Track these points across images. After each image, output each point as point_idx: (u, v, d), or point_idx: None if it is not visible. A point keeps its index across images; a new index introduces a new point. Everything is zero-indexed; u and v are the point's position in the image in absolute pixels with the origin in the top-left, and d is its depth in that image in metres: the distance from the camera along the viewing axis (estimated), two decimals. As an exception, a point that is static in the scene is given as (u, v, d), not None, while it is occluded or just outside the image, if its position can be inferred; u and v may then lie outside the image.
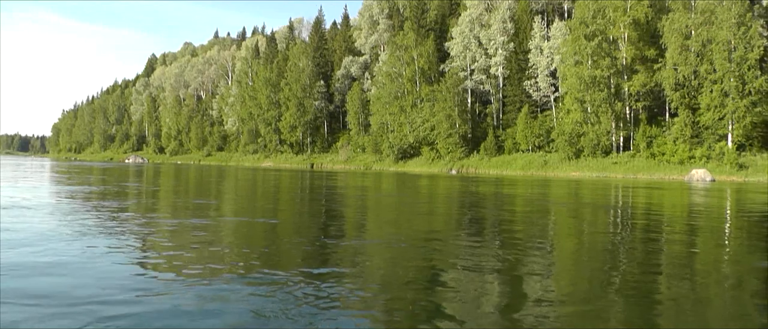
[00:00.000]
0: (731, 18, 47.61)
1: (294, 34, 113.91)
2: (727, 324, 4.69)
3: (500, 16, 68.31)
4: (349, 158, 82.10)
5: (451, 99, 66.34)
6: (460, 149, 66.37)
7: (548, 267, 6.79)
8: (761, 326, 4.56)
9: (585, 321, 4.56)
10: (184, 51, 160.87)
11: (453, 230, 10.40)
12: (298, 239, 8.59)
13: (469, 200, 18.10)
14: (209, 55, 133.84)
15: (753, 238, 10.49)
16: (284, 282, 5.45)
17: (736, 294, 5.70)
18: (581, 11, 56.24)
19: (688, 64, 50.64)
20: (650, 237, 10.00)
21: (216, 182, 29.65)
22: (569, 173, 53.75)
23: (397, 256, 7.46)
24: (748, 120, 47.18)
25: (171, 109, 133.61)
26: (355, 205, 16.30)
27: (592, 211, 15.26)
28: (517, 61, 66.08)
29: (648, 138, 53.23)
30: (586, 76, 54.38)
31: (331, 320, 4.40)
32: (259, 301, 4.80)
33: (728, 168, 46.19)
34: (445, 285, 5.68)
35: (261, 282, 5.45)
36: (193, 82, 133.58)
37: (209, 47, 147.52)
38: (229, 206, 14.88)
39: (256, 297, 4.92)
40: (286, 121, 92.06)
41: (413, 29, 74.59)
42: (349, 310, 4.71)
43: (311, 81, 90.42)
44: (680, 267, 6.94)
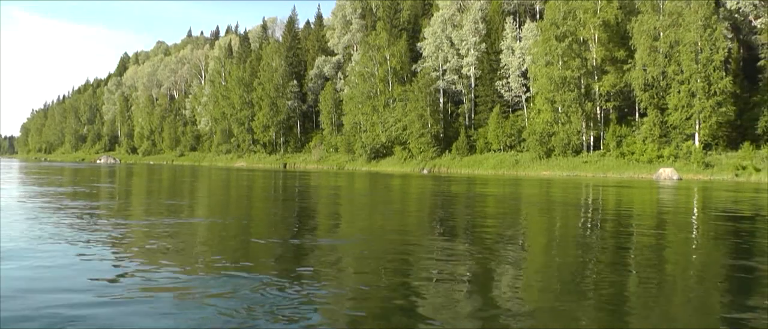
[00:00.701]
0: (697, 20, 48.38)
1: (267, 33, 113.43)
2: (694, 321, 4.77)
3: (472, 16, 68.63)
4: (321, 158, 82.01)
5: (423, 99, 66.59)
6: (432, 148, 66.64)
7: (520, 265, 6.82)
8: (727, 322, 4.65)
9: (557, 319, 4.60)
10: (157, 50, 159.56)
11: (426, 230, 10.41)
12: (272, 240, 8.57)
13: (442, 200, 18.19)
14: (182, 55, 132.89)
15: (719, 235, 10.74)
16: (257, 282, 5.46)
17: (703, 291, 5.79)
18: (552, 12, 56.76)
19: (657, 65, 51.38)
20: (620, 235, 10.14)
21: (189, 182, 29.49)
22: (540, 172, 54.23)
23: (370, 255, 7.48)
24: (714, 120, 48.03)
25: (144, 109, 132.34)
26: (328, 205, 16.34)
27: (563, 209, 15.43)
28: (489, 62, 66.44)
29: (618, 137, 53.89)
30: (556, 77, 54.93)
31: (305, 319, 4.42)
32: (232, 301, 4.81)
33: (695, 167, 46.96)
34: (418, 284, 5.71)
35: (234, 282, 5.45)
36: (166, 81, 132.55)
37: (182, 46, 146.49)
38: (202, 207, 14.82)
39: (230, 297, 4.93)
40: (259, 121, 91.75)
41: (386, 29, 74.72)
42: (322, 310, 4.72)
43: (284, 81, 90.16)
44: (650, 266, 6.98)
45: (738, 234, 10.72)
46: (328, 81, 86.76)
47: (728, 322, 4.64)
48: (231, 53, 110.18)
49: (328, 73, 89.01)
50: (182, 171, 50.42)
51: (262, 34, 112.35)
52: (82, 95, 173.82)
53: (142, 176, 38.27)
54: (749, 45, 54.65)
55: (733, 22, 53.75)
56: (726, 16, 52.71)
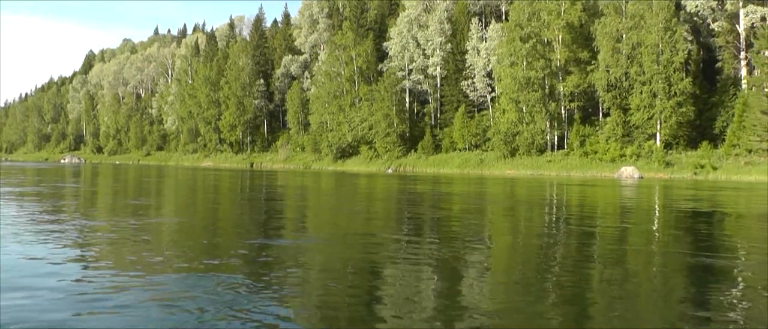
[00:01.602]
0: (658, 23, 49.28)
1: (234, 32, 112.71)
2: (657, 316, 4.83)
3: (438, 17, 68.89)
4: (288, 158, 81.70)
5: (389, 99, 66.71)
6: (397, 148, 66.81)
7: (485, 263, 6.92)
8: (688, 318, 4.74)
9: (522, 317, 4.65)
10: (124, 48, 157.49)
11: (392, 229, 10.48)
12: (238, 240, 8.58)
13: (407, 199, 18.33)
14: (149, 53, 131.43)
15: (680, 231, 10.98)
16: (223, 283, 5.45)
17: (665, 286, 5.92)
18: (516, 14, 57.28)
19: (619, 66, 52.20)
20: (584, 233, 10.31)
21: (155, 182, 29.31)
22: (505, 171, 54.69)
23: (336, 255, 7.55)
24: (674, 120, 48.99)
25: (109, 107, 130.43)
26: (294, 205, 16.36)
27: (528, 208, 15.63)
28: (455, 62, 66.78)
29: (581, 137, 54.56)
30: (520, 77, 55.42)
31: (271, 319, 4.43)
32: (197, 302, 4.79)
33: (656, 166, 47.85)
34: (383, 282, 5.79)
35: (200, 283, 5.44)
36: (133, 79, 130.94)
37: (149, 44, 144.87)
38: (168, 207, 14.75)
39: (195, 298, 4.91)
40: (226, 120, 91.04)
41: (352, 29, 74.63)
42: (289, 309, 4.74)
43: (251, 80, 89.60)
44: (613, 263, 7.14)
45: (697, 231, 11.03)
46: (295, 80, 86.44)
47: (690, 318, 4.74)
48: (198, 52, 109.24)
49: (294, 72, 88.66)
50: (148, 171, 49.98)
51: (229, 33, 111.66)
52: (45, 93, 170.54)
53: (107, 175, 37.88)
54: (708, 47, 55.74)
55: (693, 25, 54.74)
56: (686, 19, 53.65)
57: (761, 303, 5.31)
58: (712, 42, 54.83)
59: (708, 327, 4.50)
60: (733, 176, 43.29)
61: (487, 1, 71.50)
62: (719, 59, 53.53)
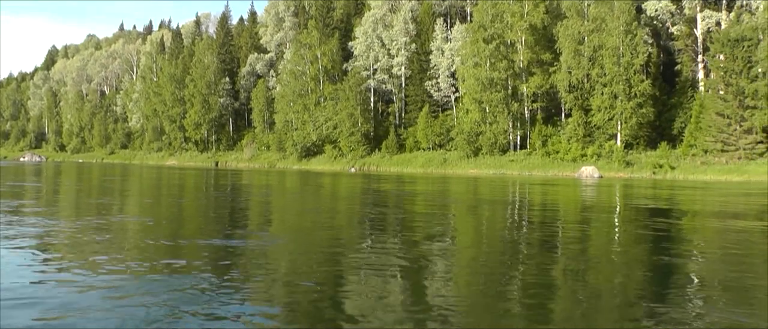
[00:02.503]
0: (619, 26, 50.08)
1: (201, 29, 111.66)
2: (616, 312, 4.99)
3: (403, 17, 69.08)
4: (253, 156, 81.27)
5: (353, 98, 66.71)
6: (362, 147, 66.87)
7: (449, 262, 6.98)
8: (648, 314, 4.86)
9: (485, 315, 4.73)
10: (88, 44, 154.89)
11: (356, 229, 10.55)
12: (203, 240, 8.56)
13: (372, 198, 18.39)
14: (113, 49, 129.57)
15: (638, 229, 11.24)
16: (188, 282, 5.45)
17: (625, 284, 6.07)
18: (480, 15, 57.72)
19: (581, 67, 52.92)
20: (546, 231, 10.48)
21: (120, 181, 29.01)
22: (468, 170, 55.10)
23: (301, 254, 7.61)
24: (634, 121, 49.89)
25: (73, 104, 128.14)
26: (259, 204, 16.33)
27: (491, 207, 15.80)
28: (419, 62, 67.05)
29: (543, 137, 55.19)
30: (484, 78, 55.85)
31: (236, 318, 4.45)
32: (162, 301, 4.78)
33: (616, 165, 48.66)
34: (348, 282, 5.83)
35: (164, 283, 5.43)
36: (97, 76, 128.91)
37: (114, 40, 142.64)
38: (132, 206, 14.63)
39: (159, 297, 4.90)
40: (191, 118, 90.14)
41: (317, 28, 74.38)
42: (254, 307, 4.77)
43: (216, 78, 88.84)
44: (575, 260, 7.29)
45: (656, 229, 11.24)
46: (261, 79, 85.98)
47: (650, 315, 4.86)
48: (163, 49, 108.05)
49: (260, 70, 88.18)
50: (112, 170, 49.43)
51: (195, 30, 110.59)
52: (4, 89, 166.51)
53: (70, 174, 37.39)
54: (668, 50, 56.74)
55: (653, 29, 55.70)
56: (646, 22, 54.57)
57: (717, 298, 5.52)
58: (671, 45, 55.89)
59: (668, 323, 4.62)
60: (690, 176, 44.23)
61: (452, 1, 71.86)
62: (678, 62, 54.63)
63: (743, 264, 7.65)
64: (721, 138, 46.20)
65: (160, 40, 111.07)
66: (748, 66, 45.48)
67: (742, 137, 45.64)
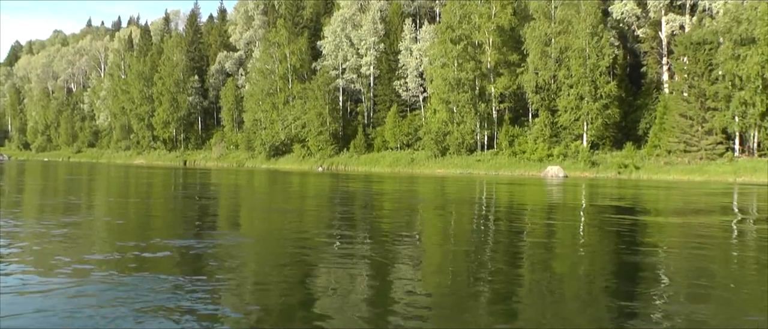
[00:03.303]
0: (586, 28, 50.60)
1: (170, 26, 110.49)
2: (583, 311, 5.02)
3: (371, 16, 69.12)
4: (222, 155, 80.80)
5: (322, 97, 66.62)
6: (330, 146, 66.85)
7: (417, 263, 6.95)
8: (613, 310, 4.91)
9: (452, 316, 4.69)
10: (54, 39, 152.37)
11: (324, 228, 10.50)
12: (170, 240, 8.44)
13: (340, 198, 18.36)
14: (81, 45, 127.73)
15: (604, 229, 11.35)
16: (156, 282, 5.40)
17: (592, 283, 6.10)
18: (448, 16, 58.00)
19: (548, 69, 53.47)
20: (512, 230, 10.55)
21: (87, 180, 28.64)
22: (435, 170, 55.36)
23: (269, 254, 7.56)
24: (600, 121, 50.52)
25: (38, 102, 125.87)
26: (227, 203, 16.22)
27: (458, 207, 15.84)
28: (388, 62, 67.22)
29: (510, 137, 55.63)
30: (451, 78, 56.14)
31: (204, 318, 4.41)
32: (129, 302, 4.72)
33: (582, 165, 49.25)
34: (316, 281, 5.81)
35: (131, 283, 5.37)
36: (63, 73, 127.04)
37: (81, 37, 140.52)
38: (100, 206, 14.42)
39: (126, 298, 4.84)
40: (160, 117, 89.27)
41: (286, 27, 74.05)
42: (221, 308, 4.72)
43: (185, 76, 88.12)
44: (541, 259, 7.33)
45: (620, 228, 11.39)
46: (230, 77, 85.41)
47: (616, 314, 4.88)
48: (132, 46, 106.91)
49: (229, 69, 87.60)
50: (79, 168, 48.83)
51: (164, 27, 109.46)
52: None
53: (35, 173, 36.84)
54: (634, 52, 57.46)
55: (620, 31, 56.38)
56: (613, 25, 55.25)
57: (682, 295, 5.60)
58: (637, 48, 56.60)
59: (634, 322, 4.66)
60: (654, 176, 44.96)
61: (421, 2, 72.07)
62: (644, 64, 55.38)
63: (705, 259, 7.90)
64: (683, 139, 46.97)
65: (129, 37, 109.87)
66: (709, 69, 46.31)
67: (704, 138, 46.46)
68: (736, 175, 42.73)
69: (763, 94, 43.38)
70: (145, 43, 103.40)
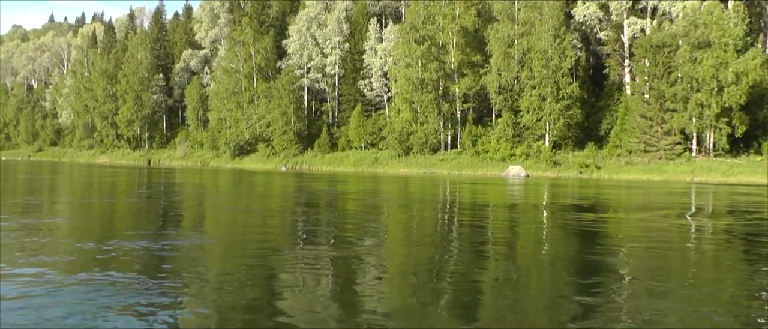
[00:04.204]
0: (548, 30, 51.10)
1: (135, 23, 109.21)
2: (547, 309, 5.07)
3: (337, 16, 69.08)
4: (186, 155, 79.94)
5: (286, 96, 66.43)
6: (295, 146, 66.64)
7: (381, 262, 7.00)
8: (574, 305, 4.97)
9: (415, 317, 4.72)
10: (13, 35, 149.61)
11: (288, 228, 10.52)
12: (134, 240, 8.34)
13: (305, 198, 18.30)
14: (42, 41, 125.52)
15: (564, 227, 11.50)
16: (119, 283, 5.34)
17: (554, 282, 6.20)
18: (412, 16, 58.25)
19: (511, 70, 53.95)
20: (475, 230, 10.65)
21: (48, 180, 28.19)
22: (399, 169, 55.55)
23: (233, 254, 7.52)
24: (562, 122, 51.12)
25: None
26: (192, 204, 16.05)
27: (421, 206, 15.94)
28: (353, 62, 67.24)
29: (473, 137, 55.99)
30: (415, 79, 56.34)
31: (167, 319, 4.38)
32: (91, 303, 4.66)
33: (544, 165, 49.83)
34: (280, 282, 5.79)
35: (93, 284, 5.30)
36: (23, 69, 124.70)
37: (43, 32, 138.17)
38: (62, 206, 14.17)
39: (88, 299, 4.77)
40: (124, 115, 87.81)
41: (251, 25, 73.59)
42: (183, 309, 4.69)
43: (150, 74, 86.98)
44: (503, 259, 7.38)
45: (581, 226, 11.52)
46: (195, 75, 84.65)
47: (577, 312, 4.95)
48: (95, 42, 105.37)
49: (195, 67, 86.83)
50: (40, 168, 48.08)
51: (129, 24, 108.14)
52: None
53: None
54: (597, 54, 58.15)
55: (583, 34, 57.02)
56: (576, 27, 55.86)
57: (644, 292, 5.72)
58: (600, 50, 57.27)
59: (597, 319, 4.73)
60: (615, 175, 45.67)
61: (386, 2, 72.13)
62: (606, 66, 56.08)
63: (664, 256, 8.12)
64: (644, 139, 47.75)
65: (93, 34, 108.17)
66: (668, 71, 47.11)
67: (663, 138, 47.28)
68: (693, 175, 43.61)
69: (718, 96, 44.29)
70: (109, 40, 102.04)
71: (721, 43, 44.37)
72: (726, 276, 6.67)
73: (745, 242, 9.78)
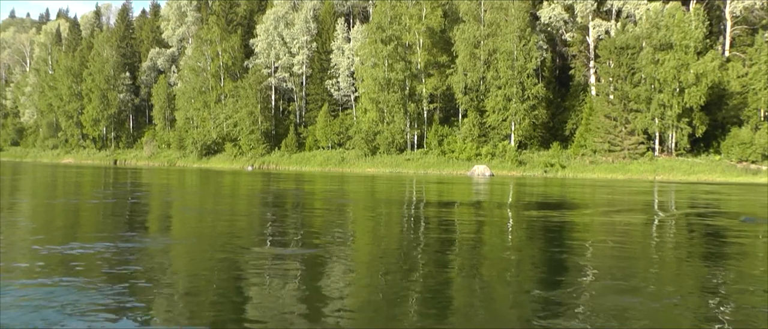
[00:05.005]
0: (514, 32, 51.54)
1: (101, 20, 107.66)
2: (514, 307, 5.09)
3: (304, 15, 68.91)
4: (153, 154, 79.10)
5: (253, 96, 66.12)
6: (262, 145, 66.39)
7: (346, 264, 6.89)
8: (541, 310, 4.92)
9: (381, 318, 4.68)
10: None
11: (255, 229, 10.41)
12: (100, 242, 8.17)
13: (271, 198, 18.21)
14: (4, 37, 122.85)
15: (528, 224, 11.60)
16: (84, 286, 5.23)
17: (519, 281, 6.14)
18: (378, 16, 58.37)
19: (477, 70, 54.25)
20: (441, 229, 10.62)
21: (9, 180, 27.60)
22: (365, 169, 55.67)
23: (200, 255, 7.42)
24: (527, 122, 51.65)
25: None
26: (158, 205, 15.87)
27: (387, 206, 15.91)
28: (320, 61, 67.23)
29: (439, 137, 56.31)
30: (381, 79, 56.49)
31: (132, 321, 4.32)
32: (51, 305, 4.59)
33: (510, 164, 50.27)
34: (246, 284, 5.69)
35: (55, 286, 5.21)
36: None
37: (4, 28, 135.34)
38: (24, 208, 13.89)
39: (53, 302, 4.69)
40: (89, 114, 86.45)
41: (218, 24, 73.03)
42: (151, 312, 4.61)
43: (116, 72, 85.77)
44: (469, 260, 7.31)
45: (546, 225, 11.62)
46: (162, 74, 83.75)
47: (543, 310, 4.95)
48: (60, 40, 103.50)
49: (162, 65, 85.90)
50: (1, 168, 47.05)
51: (94, 21, 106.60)
52: None
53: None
54: (563, 56, 58.72)
55: (549, 35, 57.55)
56: (542, 29, 56.34)
57: (609, 289, 5.78)
58: (566, 51, 57.86)
59: (563, 316, 4.74)
60: (579, 174, 46.34)
61: (354, 2, 72.15)
62: (572, 67, 56.67)
63: (629, 253, 8.30)
64: (608, 139, 48.44)
65: (57, 31, 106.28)
66: (631, 72, 47.81)
67: (627, 138, 48.03)
68: (655, 173, 44.45)
69: (679, 96, 45.07)
70: (74, 37, 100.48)
71: (682, 45, 45.24)
72: (688, 271, 6.86)
73: (706, 238, 10.07)
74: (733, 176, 41.84)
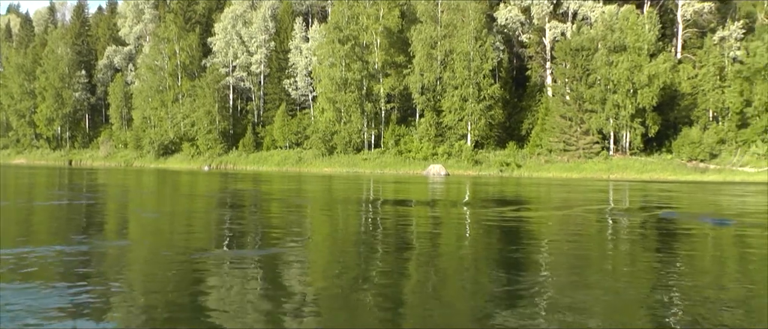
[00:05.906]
0: (470, 32, 51.90)
1: (55, 16, 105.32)
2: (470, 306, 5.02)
3: (262, 14, 68.54)
4: (109, 154, 77.85)
5: (211, 95, 65.60)
6: (219, 145, 65.89)
7: (304, 265, 6.84)
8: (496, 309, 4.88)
9: (339, 318, 4.65)
10: None
11: (213, 230, 10.27)
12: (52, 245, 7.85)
13: (228, 199, 18.00)
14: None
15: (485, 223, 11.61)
16: (37, 292, 5.08)
17: (475, 280, 6.11)
18: (336, 16, 58.44)
19: (433, 71, 54.63)
20: (398, 228, 10.60)
21: None
22: (322, 169, 55.68)
23: (156, 258, 7.26)
24: (483, 122, 52.10)
25: None
26: (113, 206, 15.53)
27: (344, 206, 15.86)
28: (278, 60, 66.97)
29: (396, 136, 56.51)
30: (338, 78, 56.51)
31: (88, 324, 4.23)
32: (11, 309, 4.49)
33: (466, 164, 50.68)
34: (205, 285, 5.59)
35: (6, 291, 5.06)
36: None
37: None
38: None
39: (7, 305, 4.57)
40: (43, 113, 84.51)
41: (176, 22, 72.19)
42: (106, 317, 4.49)
43: (71, 70, 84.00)
44: (426, 259, 7.29)
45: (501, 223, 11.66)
46: (119, 73, 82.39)
47: (499, 309, 4.90)
48: (10, 36, 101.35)
49: (118, 64, 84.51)
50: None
51: (48, 17, 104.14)
52: None
53: None
54: (520, 56, 59.28)
55: (506, 36, 58.07)
56: (499, 30, 56.83)
57: (566, 284, 5.80)
58: (522, 52, 58.41)
59: (521, 313, 4.72)
60: (535, 173, 46.92)
61: (312, 1, 71.95)
62: (529, 68, 57.25)
63: (584, 249, 8.42)
64: (563, 139, 49.06)
65: (8, 26, 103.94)
66: (586, 73, 48.48)
67: (582, 137, 48.68)
68: (609, 172, 45.19)
69: (632, 97, 45.84)
70: (26, 33, 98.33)
71: (636, 47, 46.09)
72: (641, 266, 7.00)
73: (658, 234, 10.31)
74: (683, 175, 42.73)
